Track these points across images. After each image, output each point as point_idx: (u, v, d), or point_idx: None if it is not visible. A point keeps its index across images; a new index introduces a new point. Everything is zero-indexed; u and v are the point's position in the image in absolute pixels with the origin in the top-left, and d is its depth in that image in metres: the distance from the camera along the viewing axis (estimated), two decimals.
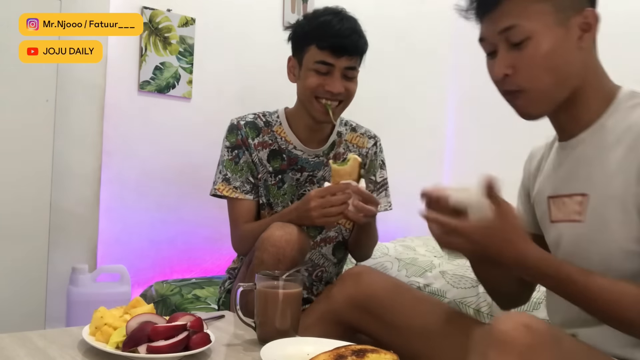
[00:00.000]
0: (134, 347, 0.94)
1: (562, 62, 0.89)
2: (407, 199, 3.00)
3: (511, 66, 0.91)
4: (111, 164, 2.16)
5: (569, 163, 0.96)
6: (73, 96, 2.01)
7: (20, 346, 0.99)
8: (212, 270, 2.35)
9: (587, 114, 0.93)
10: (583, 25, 0.89)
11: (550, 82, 0.90)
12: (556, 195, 0.99)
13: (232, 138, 1.53)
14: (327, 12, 1.46)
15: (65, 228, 2.00)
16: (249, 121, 1.55)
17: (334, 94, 1.43)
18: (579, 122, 0.94)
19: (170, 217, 2.29)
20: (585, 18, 0.88)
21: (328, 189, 1.32)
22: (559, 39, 0.88)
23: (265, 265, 1.29)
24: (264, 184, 1.53)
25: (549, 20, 0.88)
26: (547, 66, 0.89)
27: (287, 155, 1.54)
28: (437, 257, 2.27)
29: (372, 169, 1.65)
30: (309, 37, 1.44)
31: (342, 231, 1.60)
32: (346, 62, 1.42)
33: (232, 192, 1.51)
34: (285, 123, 1.56)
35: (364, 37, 1.47)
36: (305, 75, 1.46)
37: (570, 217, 0.94)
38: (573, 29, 0.88)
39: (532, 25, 0.88)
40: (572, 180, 0.95)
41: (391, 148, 2.97)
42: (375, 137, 1.67)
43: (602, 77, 0.94)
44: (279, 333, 1.07)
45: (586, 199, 0.90)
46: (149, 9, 2.21)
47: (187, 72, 2.30)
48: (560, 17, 0.88)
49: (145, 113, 2.23)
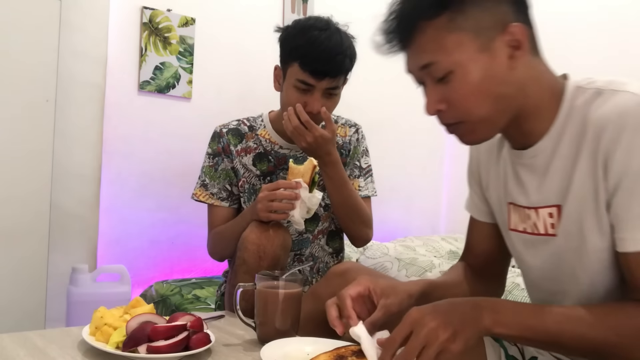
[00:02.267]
0: (134, 347, 0.94)
1: (495, 87, 0.82)
2: (407, 199, 3.03)
3: (442, 101, 0.85)
4: (111, 164, 2.16)
5: (531, 174, 0.91)
6: (73, 96, 2.01)
7: (20, 346, 0.99)
8: (212, 270, 2.35)
9: (539, 125, 0.87)
10: (511, 42, 0.81)
11: (488, 110, 0.83)
12: (518, 205, 0.94)
13: (213, 145, 1.56)
14: (315, 26, 1.41)
15: (65, 228, 2.00)
16: (231, 128, 1.56)
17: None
18: (532, 133, 0.88)
19: (170, 217, 2.29)
20: (511, 35, 0.81)
21: (277, 183, 1.31)
22: (486, 66, 0.81)
23: (247, 264, 1.29)
24: (252, 188, 1.54)
25: (469, 49, 0.81)
26: (480, 96, 0.82)
27: (275, 156, 1.55)
28: (437, 257, 2.27)
29: (357, 155, 1.64)
30: (293, 54, 1.41)
31: (335, 220, 1.61)
32: (328, 84, 1.40)
33: (208, 198, 1.54)
34: (269, 125, 1.57)
35: (351, 54, 1.43)
36: (286, 90, 1.45)
37: (540, 231, 0.90)
38: (500, 50, 0.81)
39: (451, 59, 0.81)
40: (536, 190, 0.90)
41: (391, 148, 2.99)
42: (356, 125, 1.67)
43: (546, 84, 0.86)
44: (279, 333, 1.07)
45: (558, 211, 0.86)
46: (149, 9, 2.21)
47: (187, 72, 2.30)
48: (482, 42, 0.81)
49: (145, 113, 2.23)
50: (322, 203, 1.55)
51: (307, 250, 1.57)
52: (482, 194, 1.07)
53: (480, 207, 1.08)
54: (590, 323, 0.76)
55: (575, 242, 0.85)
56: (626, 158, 0.76)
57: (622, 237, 0.78)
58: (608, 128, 0.77)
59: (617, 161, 0.77)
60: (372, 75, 2.70)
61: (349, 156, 1.63)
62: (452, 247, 2.45)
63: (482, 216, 1.09)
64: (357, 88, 2.11)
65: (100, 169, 2.11)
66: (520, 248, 0.97)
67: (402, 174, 2.95)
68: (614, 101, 0.78)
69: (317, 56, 1.37)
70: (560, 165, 0.85)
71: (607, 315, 0.77)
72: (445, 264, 2.12)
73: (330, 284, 1.20)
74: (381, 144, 2.18)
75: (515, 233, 0.97)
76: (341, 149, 1.61)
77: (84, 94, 2.05)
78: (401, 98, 2.54)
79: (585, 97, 0.83)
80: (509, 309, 0.79)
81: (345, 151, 1.62)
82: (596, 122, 0.79)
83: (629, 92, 0.78)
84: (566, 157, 0.84)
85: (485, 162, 1.04)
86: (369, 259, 2.23)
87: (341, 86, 1.46)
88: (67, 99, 1.98)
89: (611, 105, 0.78)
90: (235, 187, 1.55)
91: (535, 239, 0.92)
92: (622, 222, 0.78)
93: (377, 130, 1.73)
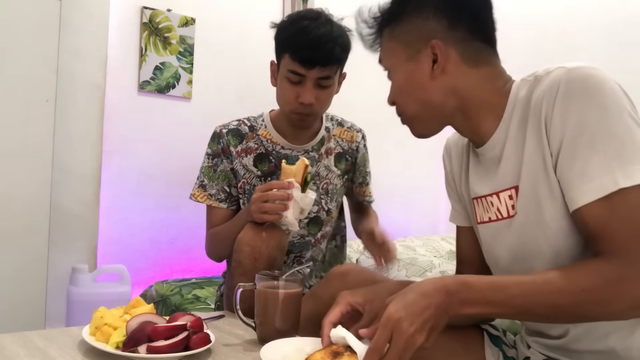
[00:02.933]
0: (134, 347, 0.94)
1: (418, 91, 0.97)
2: (407, 199, 3.03)
3: (391, 96, 1.04)
4: (111, 164, 2.16)
5: (487, 164, 0.97)
6: (73, 96, 2.01)
7: (20, 346, 0.99)
8: (212, 270, 2.35)
9: (487, 122, 0.95)
10: (433, 55, 0.94)
11: (415, 110, 0.99)
12: (480, 196, 0.99)
13: (213, 146, 1.53)
14: (306, 17, 1.41)
15: (65, 228, 2.00)
16: (231, 129, 1.53)
17: (305, 105, 1.40)
18: (482, 131, 0.96)
19: (170, 217, 2.29)
20: (432, 49, 0.94)
21: (269, 184, 1.30)
22: (409, 72, 0.97)
23: (242, 266, 1.28)
24: (253, 189, 1.51)
25: (399, 57, 0.98)
26: (407, 96, 0.99)
27: (276, 156, 1.53)
28: (437, 257, 2.27)
29: (365, 162, 1.66)
30: (284, 45, 1.40)
31: (336, 224, 1.61)
32: (319, 73, 1.38)
33: (206, 199, 1.52)
34: (270, 125, 1.54)
35: (343, 43, 1.40)
36: (280, 82, 1.44)
37: (503, 215, 0.94)
38: (424, 60, 0.95)
39: (387, 62, 1.02)
40: (494, 178, 0.95)
41: (391, 149, 2.98)
42: (361, 131, 1.67)
43: (490, 88, 0.94)
44: (279, 333, 1.06)
45: (516, 192, 0.90)
46: (149, 9, 2.21)
47: (187, 72, 2.30)
48: (409, 53, 0.97)
49: (145, 113, 2.24)
50: (325, 207, 1.55)
51: (308, 254, 1.57)
52: (460, 200, 1.11)
53: (461, 213, 1.12)
54: (560, 289, 0.77)
55: (534, 216, 0.88)
56: (561, 120, 0.81)
57: (570, 196, 0.81)
58: (544, 100, 0.84)
59: (555, 126, 0.82)
60: (371, 75, 2.70)
61: (357, 163, 1.63)
62: (452, 247, 2.45)
63: (464, 222, 1.12)
64: (357, 88, 2.11)
65: (100, 169, 2.11)
66: (489, 240, 1.00)
67: (402, 174, 2.95)
68: (548, 78, 0.85)
69: (306, 44, 1.35)
70: (512, 148, 0.91)
71: (576, 276, 0.77)
72: (445, 264, 2.12)
73: (330, 285, 1.20)
74: (381, 144, 2.18)
75: (482, 225, 1.00)
76: (346, 154, 1.61)
77: (84, 94, 2.05)
78: None
79: (527, 86, 0.90)
80: (476, 289, 0.80)
81: (351, 158, 1.62)
82: (535, 99, 0.86)
83: (560, 67, 0.84)
84: (515, 139, 0.90)
85: (457, 169, 1.10)
86: (369, 259, 2.23)
87: (334, 77, 1.43)
88: (67, 99, 1.99)
89: (546, 82, 0.85)
90: (234, 188, 1.53)
91: (499, 224, 0.95)
92: (568, 182, 0.81)
93: (377, 130, 1.74)
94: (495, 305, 0.79)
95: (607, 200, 0.76)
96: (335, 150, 1.59)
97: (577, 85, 0.80)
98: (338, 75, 1.46)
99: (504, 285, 0.80)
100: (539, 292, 0.78)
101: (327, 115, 1.61)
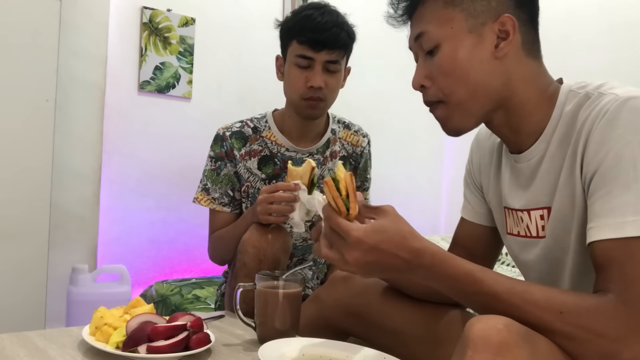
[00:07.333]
0: (134, 347, 0.94)
1: (475, 72, 0.84)
2: (407, 199, 3.02)
3: (428, 77, 0.87)
4: (111, 164, 2.16)
5: (521, 174, 0.92)
6: (73, 96, 2.01)
7: (20, 346, 0.99)
8: (212, 270, 2.35)
9: (530, 125, 0.87)
10: (500, 32, 0.83)
11: (465, 94, 0.85)
12: (512, 208, 0.95)
13: (216, 149, 1.51)
14: (310, 6, 1.44)
15: (65, 228, 2.00)
16: (235, 131, 1.52)
17: (314, 89, 1.41)
18: (524, 134, 0.89)
19: (170, 217, 2.29)
20: (502, 25, 0.83)
21: (275, 185, 1.28)
22: (469, 47, 0.83)
23: (247, 267, 1.28)
24: (257, 192, 1.50)
25: (459, 27, 0.83)
26: (458, 76, 0.84)
27: (281, 159, 1.52)
28: None
29: (368, 168, 1.66)
30: (291, 33, 1.43)
31: None
32: (326, 56, 1.40)
33: (210, 203, 1.51)
34: (274, 126, 1.53)
35: (348, 30, 1.43)
36: (288, 70, 1.45)
37: (532, 234, 0.91)
38: (488, 36, 0.83)
39: (440, 32, 0.84)
40: (527, 192, 0.91)
41: (391, 147, 2.99)
42: (367, 136, 1.67)
43: (537, 86, 0.87)
44: (279, 333, 1.06)
45: (548, 213, 0.87)
46: (149, 9, 2.21)
47: (187, 72, 2.30)
48: (472, 24, 0.83)
49: (145, 113, 2.24)
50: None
51: (311, 257, 1.57)
52: (482, 196, 1.07)
53: (476, 209, 1.08)
54: (539, 304, 0.72)
55: (563, 242, 0.85)
56: (595, 153, 0.77)
57: (587, 228, 0.77)
58: (586, 128, 0.79)
59: (588, 157, 0.78)
60: (372, 75, 2.70)
61: (359, 167, 1.63)
62: None
63: (475, 218, 1.09)
64: (357, 88, 2.11)
65: (100, 169, 2.11)
66: (517, 251, 0.98)
67: (402, 174, 2.95)
68: (599, 104, 0.79)
69: (313, 27, 1.38)
70: (549, 167, 0.86)
71: (560, 299, 0.73)
72: None
73: (333, 290, 1.20)
74: (381, 143, 2.18)
75: (512, 237, 0.97)
76: (350, 158, 1.61)
77: (84, 94, 2.05)
78: (401, 98, 2.54)
79: (575, 101, 0.84)
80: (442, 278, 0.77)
81: (354, 162, 1.62)
82: (580, 124, 0.80)
83: (613, 94, 0.78)
84: (554, 158, 0.85)
85: (486, 166, 1.05)
86: None
87: (342, 63, 1.45)
88: (67, 99, 1.99)
89: (596, 108, 0.79)
90: (238, 192, 1.52)
91: (527, 241, 0.93)
92: (592, 213, 0.77)
93: (377, 130, 1.73)
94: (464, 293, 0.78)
95: (624, 242, 0.72)
96: (339, 154, 1.58)
97: (625, 115, 0.75)
98: (345, 64, 1.47)
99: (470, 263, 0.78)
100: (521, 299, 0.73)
101: (334, 117, 1.61)
